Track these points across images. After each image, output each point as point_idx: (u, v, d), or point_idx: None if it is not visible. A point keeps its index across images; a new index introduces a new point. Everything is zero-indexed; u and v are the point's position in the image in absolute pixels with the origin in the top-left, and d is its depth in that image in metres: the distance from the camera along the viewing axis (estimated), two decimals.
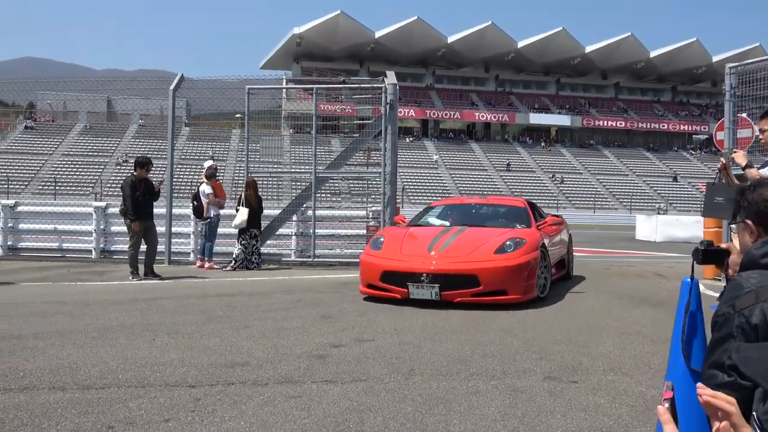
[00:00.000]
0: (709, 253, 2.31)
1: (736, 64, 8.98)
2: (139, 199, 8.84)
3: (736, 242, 2.81)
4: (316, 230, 10.97)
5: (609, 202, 49.41)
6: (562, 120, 63.19)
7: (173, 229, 10.94)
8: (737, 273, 1.98)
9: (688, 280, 2.36)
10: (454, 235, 7.01)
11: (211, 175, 10.46)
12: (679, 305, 2.39)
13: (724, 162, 5.39)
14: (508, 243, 6.63)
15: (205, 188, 10.30)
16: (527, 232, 7.20)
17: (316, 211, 11.02)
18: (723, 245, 2.30)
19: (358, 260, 7.33)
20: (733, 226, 2.15)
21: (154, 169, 9.36)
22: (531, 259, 6.54)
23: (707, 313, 2.33)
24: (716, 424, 1.36)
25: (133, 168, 9.17)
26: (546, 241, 7.25)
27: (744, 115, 8.97)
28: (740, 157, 5.28)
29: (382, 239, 7.23)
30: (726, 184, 5.46)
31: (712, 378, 1.85)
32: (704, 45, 61.70)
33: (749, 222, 1.89)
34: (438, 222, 8.00)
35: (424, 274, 6.28)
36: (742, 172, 5.23)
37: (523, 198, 8.65)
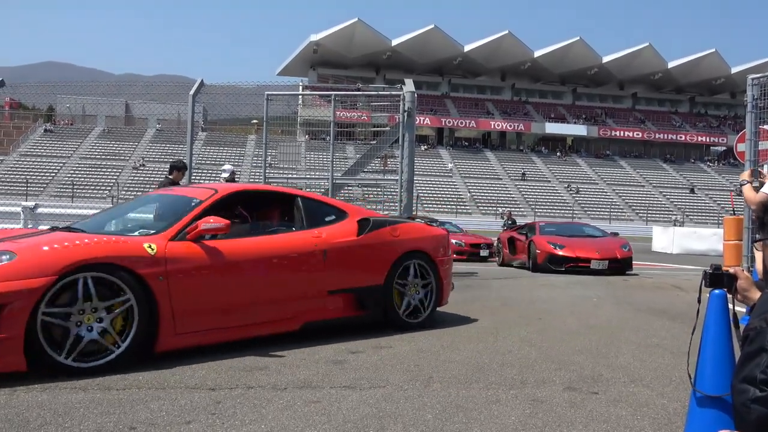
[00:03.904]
0: (716, 277, 2.29)
1: (759, 75, 8.88)
2: None
3: (758, 258, 2.79)
4: None
5: (625, 213, 49.06)
6: (579, 130, 62.95)
7: None
8: (766, 289, 1.95)
9: (717, 292, 2.34)
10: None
11: (233, 180, 10.53)
12: (707, 318, 2.37)
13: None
14: None
15: None
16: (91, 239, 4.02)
17: None
18: (731, 270, 2.28)
19: None
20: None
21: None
22: None
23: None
24: None
25: (168, 172, 9.19)
26: (178, 261, 4.15)
27: (766, 126, 8.88)
28: (744, 175, 5.46)
29: None
30: None
31: (743, 393, 1.82)
32: (723, 56, 61.29)
33: None
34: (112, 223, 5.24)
35: None
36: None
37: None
